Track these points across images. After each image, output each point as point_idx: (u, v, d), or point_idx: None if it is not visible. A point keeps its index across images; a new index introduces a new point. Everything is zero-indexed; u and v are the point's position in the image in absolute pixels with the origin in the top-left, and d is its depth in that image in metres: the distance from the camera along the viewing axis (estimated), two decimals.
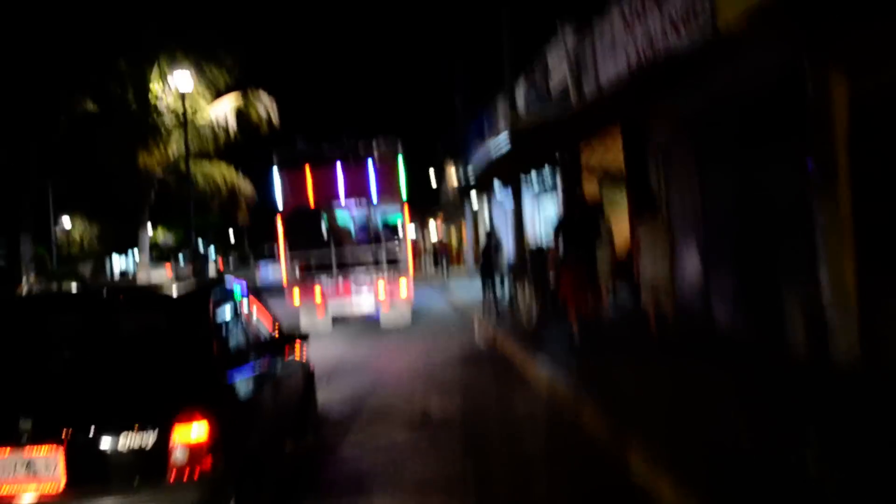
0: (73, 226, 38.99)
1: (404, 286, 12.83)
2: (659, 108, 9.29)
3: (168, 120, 21.16)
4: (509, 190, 14.87)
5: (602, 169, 13.39)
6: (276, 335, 5.11)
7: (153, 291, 4.51)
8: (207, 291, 4.22)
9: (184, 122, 18.77)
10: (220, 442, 3.36)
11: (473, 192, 22.88)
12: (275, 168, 12.97)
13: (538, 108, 14.08)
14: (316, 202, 12.84)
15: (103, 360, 3.77)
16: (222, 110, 21.38)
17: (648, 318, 8.55)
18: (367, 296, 12.74)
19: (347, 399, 7.50)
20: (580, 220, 9.17)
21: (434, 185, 34.73)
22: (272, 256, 29.66)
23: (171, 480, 3.24)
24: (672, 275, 8.72)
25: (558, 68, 13.02)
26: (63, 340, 3.96)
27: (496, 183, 17.66)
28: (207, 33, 20.64)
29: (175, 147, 21.27)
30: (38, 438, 3.25)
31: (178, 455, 3.25)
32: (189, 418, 3.29)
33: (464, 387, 7.80)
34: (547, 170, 15.41)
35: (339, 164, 12.85)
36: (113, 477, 3.25)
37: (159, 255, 43.75)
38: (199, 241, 62.32)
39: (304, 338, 5.42)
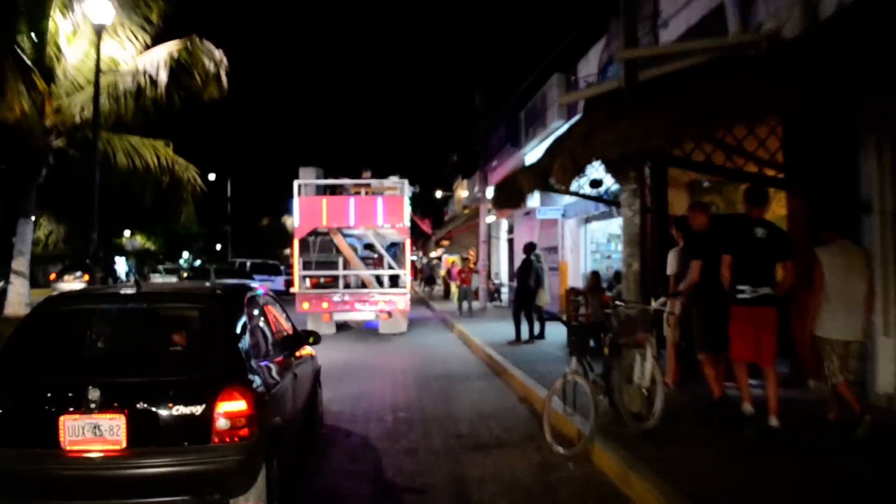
0: None
1: (402, 300, 14.86)
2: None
3: (70, 65, 16.06)
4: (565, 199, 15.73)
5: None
6: (292, 334, 5.88)
7: (201, 289, 5.27)
8: (243, 292, 5.00)
9: (97, 64, 13.69)
10: (254, 416, 4.07)
11: (492, 213, 20.66)
12: (295, 196, 14.75)
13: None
14: (328, 226, 14.66)
15: (159, 344, 4.55)
16: (153, 59, 15.87)
17: (836, 402, 5.94)
18: (368, 306, 14.72)
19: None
20: (760, 239, 5.75)
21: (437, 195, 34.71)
22: (269, 272, 30.89)
23: (216, 443, 3.97)
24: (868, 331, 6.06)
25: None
26: (127, 327, 4.75)
27: (537, 195, 14.38)
28: None
29: (81, 107, 15.95)
30: (105, 407, 3.96)
31: (221, 423, 3.98)
32: (230, 396, 4.03)
33: None
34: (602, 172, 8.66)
35: (351, 195, 15.04)
36: (166, 439, 3.96)
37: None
38: (185, 254, 62.41)
39: (316, 338, 6.13)
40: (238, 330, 4.51)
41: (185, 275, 33.78)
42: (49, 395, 4.02)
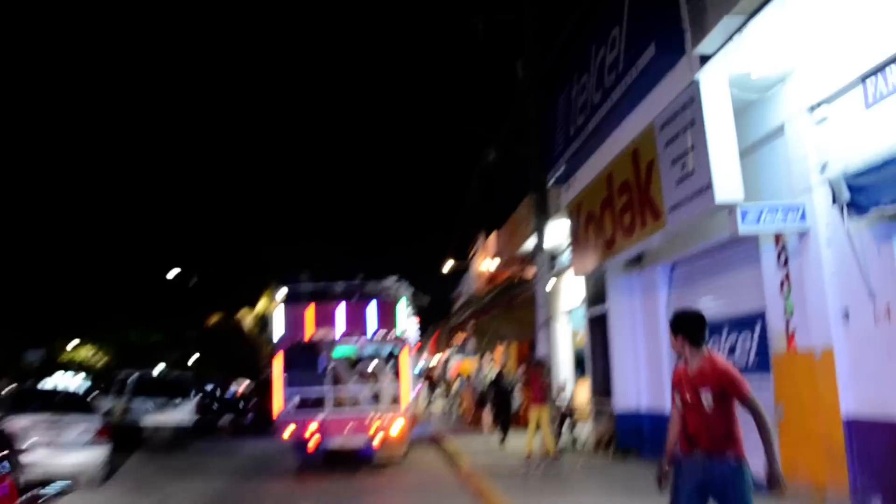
0: None
1: (398, 424, 12.89)
2: None
3: None
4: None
5: None
6: None
7: None
8: None
9: None
10: None
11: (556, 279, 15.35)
12: (279, 304, 13.56)
13: None
14: (315, 338, 13.33)
15: None
16: None
17: None
18: (360, 432, 12.87)
19: None
20: None
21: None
22: (169, 392, 18.36)
23: None
24: None
25: None
26: None
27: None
28: None
29: None
30: None
31: None
32: None
33: None
34: None
35: (342, 302, 13.46)
36: None
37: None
38: (162, 365, 56.75)
39: None
40: None
41: None
42: None
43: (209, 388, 23.47)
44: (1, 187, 39.05)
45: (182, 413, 17.49)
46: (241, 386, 28.39)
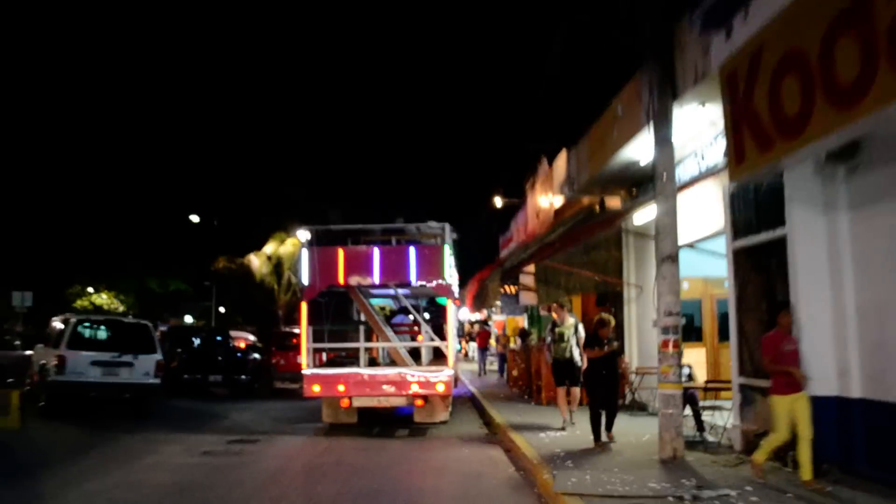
0: None
1: (442, 382, 11.58)
2: None
3: None
4: None
5: None
6: None
7: None
8: None
9: None
10: None
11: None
12: (304, 246, 12.43)
13: None
14: (347, 284, 12.12)
15: None
16: None
17: None
18: (399, 390, 11.63)
19: None
20: None
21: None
22: (120, 344, 13.39)
23: None
24: None
25: None
26: None
27: None
28: None
29: None
30: None
31: None
32: None
33: None
34: None
35: (376, 244, 12.45)
36: None
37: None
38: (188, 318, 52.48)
39: None
40: None
41: None
42: None
43: (197, 341, 19.08)
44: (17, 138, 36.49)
45: (140, 369, 13.12)
46: (242, 339, 24.14)
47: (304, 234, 13.23)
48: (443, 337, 12.75)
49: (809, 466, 6.68)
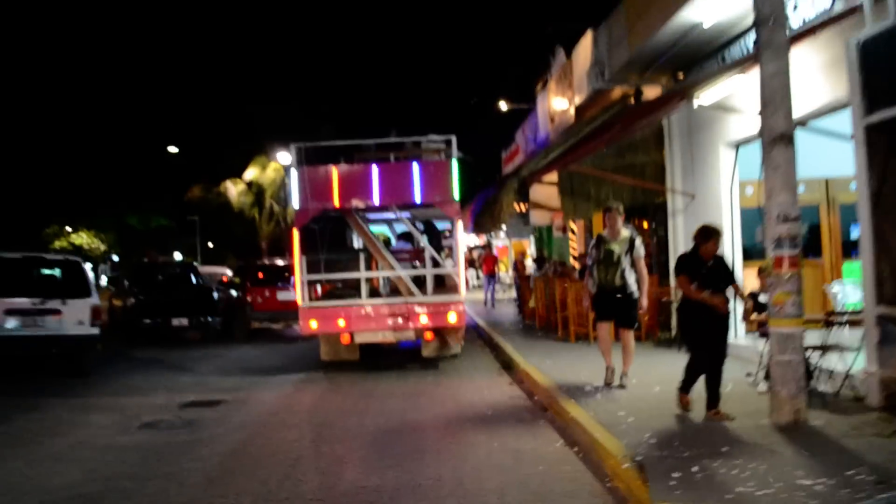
0: None
1: (453, 311, 10.52)
2: None
3: None
4: None
5: None
6: None
7: None
8: None
9: None
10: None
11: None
12: (292, 166, 11.17)
13: None
14: (343, 207, 11.00)
15: None
16: None
17: None
18: (404, 319, 10.62)
19: None
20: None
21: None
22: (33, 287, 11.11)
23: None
24: None
25: None
26: None
27: None
28: None
29: None
30: None
31: None
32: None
33: None
34: None
35: (374, 162, 11.26)
36: None
37: None
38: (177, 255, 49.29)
39: None
40: None
41: None
42: None
43: (161, 278, 16.39)
44: None
45: (72, 319, 10.47)
46: (219, 275, 21.42)
47: (286, 156, 12.32)
48: (452, 263, 11.63)
49: None
